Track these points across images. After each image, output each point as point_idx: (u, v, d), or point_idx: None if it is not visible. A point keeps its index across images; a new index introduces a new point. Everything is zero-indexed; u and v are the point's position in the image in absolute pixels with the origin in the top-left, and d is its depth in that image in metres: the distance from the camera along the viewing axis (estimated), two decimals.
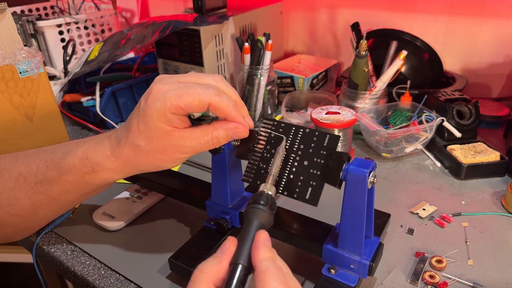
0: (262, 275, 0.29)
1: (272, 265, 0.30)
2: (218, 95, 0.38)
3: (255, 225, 0.32)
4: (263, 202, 0.34)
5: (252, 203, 0.34)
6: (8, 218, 0.46)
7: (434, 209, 0.58)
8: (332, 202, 0.59)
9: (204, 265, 0.31)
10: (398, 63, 0.75)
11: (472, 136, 0.71)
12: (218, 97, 0.38)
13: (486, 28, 0.88)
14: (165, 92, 0.38)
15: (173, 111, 0.38)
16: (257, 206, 0.33)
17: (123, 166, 0.42)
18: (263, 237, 0.32)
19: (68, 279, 0.52)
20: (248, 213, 0.33)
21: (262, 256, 0.30)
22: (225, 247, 0.32)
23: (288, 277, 0.30)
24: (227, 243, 0.32)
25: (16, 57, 0.66)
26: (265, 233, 0.32)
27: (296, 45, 1.18)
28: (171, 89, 0.38)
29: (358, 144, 0.77)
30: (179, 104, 0.37)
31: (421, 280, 0.46)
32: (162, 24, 0.80)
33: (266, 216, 0.33)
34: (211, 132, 0.40)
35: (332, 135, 0.40)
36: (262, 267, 0.30)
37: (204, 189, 0.55)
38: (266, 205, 0.34)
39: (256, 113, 0.85)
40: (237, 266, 0.30)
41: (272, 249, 0.32)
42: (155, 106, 0.38)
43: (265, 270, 0.29)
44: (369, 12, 1.01)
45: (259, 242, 0.31)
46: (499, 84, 0.91)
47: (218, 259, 0.31)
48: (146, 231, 0.56)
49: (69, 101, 0.89)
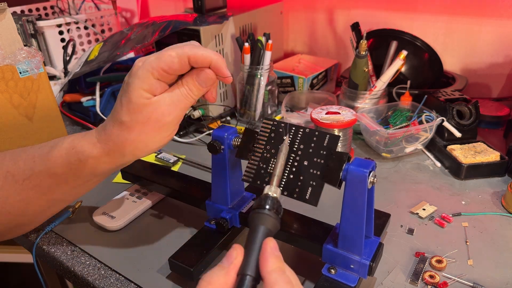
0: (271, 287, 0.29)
1: (281, 276, 0.29)
2: (196, 47, 0.39)
3: (261, 232, 0.31)
4: (269, 206, 0.33)
5: (257, 208, 0.33)
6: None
7: (434, 209, 0.58)
8: (332, 202, 0.59)
9: (210, 276, 0.30)
10: (398, 63, 0.75)
11: (472, 136, 0.71)
12: (195, 49, 0.39)
13: (486, 28, 0.88)
14: (145, 59, 0.40)
15: (157, 75, 0.39)
16: (263, 211, 0.32)
17: (108, 150, 0.42)
18: (270, 246, 0.31)
19: (68, 279, 0.52)
20: (254, 219, 0.32)
21: (271, 268, 0.29)
22: (232, 256, 0.31)
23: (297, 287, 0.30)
24: (234, 252, 0.31)
25: (16, 57, 0.66)
26: (272, 241, 0.31)
27: (296, 45, 1.18)
28: (151, 56, 0.40)
29: (358, 144, 0.77)
30: (160, 65, 0.39)
31: (421, 280, 0.46)
32: (162, 24, 0.80)
33: (272, 222, 0.32)
34: (181, 83, 0.41)
35: (332, 135, 0.40)
36: (271, 279, 0.29)
37: (204, 189, 0.55)
38: (272, 209, 0.32)
39: (256, 113, 0.85)
40: (245, 277, 0.29)
41: (280, 258, 0.31)
42: (137, 74, 0.39)
43: (274, 282, 0.29)
44: (369, 12, 1.01)
45: (267, 252, 0.30)
46: (499, 84, 0.91)
47: (226, 270, 0.30)
48: (146, 231, 0.56)
49: (69, 101, 0.89)
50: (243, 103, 0.86)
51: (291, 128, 0.42)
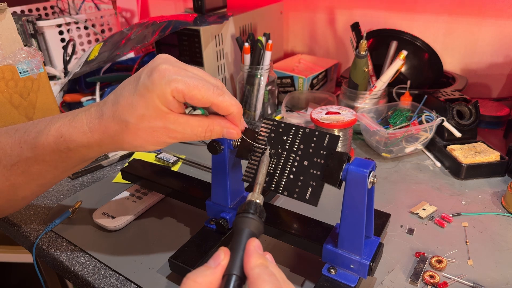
0: (254, 282, 0.29)
1: (264, 270, 0.29)
2: (222, 95, 0.39)
3: (245, 234, 0.32)
4: (252, 211, 0.34)
5: (241, 213, 0.34)
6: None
7: (434, 209, 0.58)
8: (332, 202, 0.59)
9: (196, 275, 0.30)
10: (398, 63, 0.75)
11: (472, 136, 0.71)
12: (221, 97, 0.38)
13: (486, 28, 0.88)
14: (173, 74, 0.37)
15: (175, 95, 0.37)
16: (247, 215, 0.33)
17: (101, 141, 0.40)
18: (253, 245, 0.31)
19: (68, 279, 0.52)
20: (238, 223, 0.33)
21: (253, 264, 0.30)
22: (219, 258, 0.31)
23: (282, 282, 0.30)
24: (221, 254, 0.31)
25: (16, 57, 0.66)
26: (256, 241, 0.32)
27: (296, 45, 1.19)
28: (180, 75, 0.37)
29: (358, 144, 0.77)
30: (185, 91, 0.37)
31: (421, 280, 0.46)
32: (162, 24, 0.80)
33: (256, 224, 0.33)
34: (207, 125, 0.40)
35: (332, 135, 0.40)
36: (254, 274, 0.29)
37: (204, 189, 0.55)
38: (255, 213, 0.34)
39: (256, 113, 0.85)
40: (231, 276, 0.30)
41: (263, 256, 0.31)
42: (160, 83, 0.36)
43: (257, 276, 0.29)
44: (369, 12, 1.01)
45: (250, 250, 0.31)
46: (499, 84, 0.91)
47: (212, 269, 0.30)
48: (146, 231, 0.56)
49: (69, 101, 0.89)
50: (243, 103, 0.86)
51: (291, 128, 0.42)
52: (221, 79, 0.90)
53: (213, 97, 0.38)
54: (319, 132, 0.41)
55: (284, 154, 0.42)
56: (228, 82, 0.92)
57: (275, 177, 0.41)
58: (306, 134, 0.41)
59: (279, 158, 0.42)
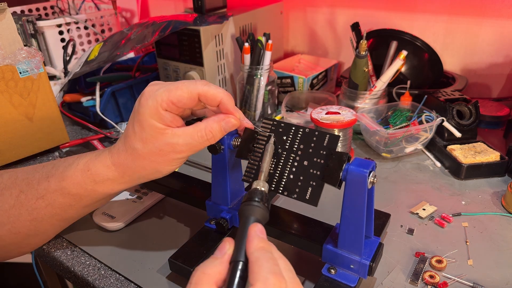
0: (252, 265, 0.29)
1: (263, 254, 0.30)
2: (206, 85, 0.40)
3: (251, 222, 0.32)
4: (257, 198, 0.34)
5: (246, 201, 0.34)
6: (9, 236, 0.46)
7: (434, 209, 0.58)
8: (332, 202, 0.59)
9: (205, 267, 0.30)
10: (398, 63, 0.75)
11: (472, 136, 0.71)
12: (207, 87, 0.39)
13: (486, 28, 0.88)
14: (155, 90, 0.40)
15: (165, 107, 0.39)
16: (252, 203, 0.33)
17: (123, 174, 0.43)
18: (255, 230, 0.32)
19: (68, 279, 0.52)
20: (244, 211, 0.33)
21: (254, 247, 0.30)
22: (224, 248, 0.31)
23: (284, 269, 0.30)
24: (226, 244, 0.32)
25: (16, 57, 0.66)
26: (258, 225, 0.32)
27: (296, 45, 1.19)
28: (162, 87, 0.40)
29: (358, 144, 0.77)
30: (170, 98, 0.39)
31: (421, 280, 0.46)
32: (162, 24, 0.80)
33: (261, 212, 0.33)
34: (204, 127, 0.40)
35: (332, 135, 0.40)
36: (253, 258, 0.30)
37: (204, 189, 0.55)
38: (260, 201, 0.34)
39: (256, 113, 0.85)
40: (237, 263, 0.30)
41: (266, 240, 0.31)
42: (147, 104, 0.39)
43: (255, 260, 0.29)
44: (369, 12, 1.01)
45: (251, 235, 0.31)
46: (499, 84, 0.91)
47: (219, 260, 0.31)
48: (146, 231, 0.56)
49: (69, 101, 0.89)
50: (243, 103, 0.86)
51: (291, 128, 0.42)
52: (221, 79, 0.90)
53: (198, 87, 0.39)
54: (319, 132, 0.41)
55: (284, 154, 0.42)
56: (228, 82, 0.92)
57: (275, 177, 0.41)
58: (306, 134, 0.41)
59: (279, 158, 0.42)
